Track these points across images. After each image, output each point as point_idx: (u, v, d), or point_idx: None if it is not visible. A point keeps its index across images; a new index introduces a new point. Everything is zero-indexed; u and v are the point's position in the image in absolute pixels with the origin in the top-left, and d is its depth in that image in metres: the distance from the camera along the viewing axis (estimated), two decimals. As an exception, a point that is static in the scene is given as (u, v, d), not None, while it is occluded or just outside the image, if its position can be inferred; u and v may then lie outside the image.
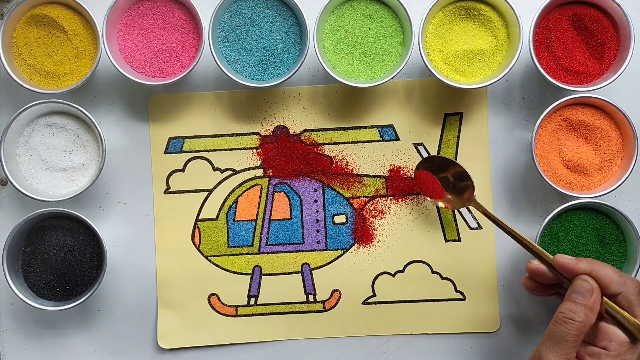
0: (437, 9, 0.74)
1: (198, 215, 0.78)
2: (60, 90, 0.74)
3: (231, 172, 0.78)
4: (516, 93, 0.78)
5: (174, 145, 0.78)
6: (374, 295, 0.78)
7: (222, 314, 0.78)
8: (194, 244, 0.78)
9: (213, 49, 0.73)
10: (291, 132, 0.78)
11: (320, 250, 0.78)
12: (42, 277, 0.74)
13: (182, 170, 0.78)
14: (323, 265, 0.78)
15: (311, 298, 0.78)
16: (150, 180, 0.78)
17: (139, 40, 0.76)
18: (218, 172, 0.78)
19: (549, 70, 0.74)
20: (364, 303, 0.78)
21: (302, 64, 0.73)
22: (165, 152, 0.78)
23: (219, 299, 0.78)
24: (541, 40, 0.74)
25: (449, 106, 0.78)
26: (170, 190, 0.78)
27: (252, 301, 0.78)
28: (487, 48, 0.75)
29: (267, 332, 0.78)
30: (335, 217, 0.78)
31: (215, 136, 0.78)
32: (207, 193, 0.78)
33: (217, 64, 0.73)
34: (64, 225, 0.74)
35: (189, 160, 0.78)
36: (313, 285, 0.78)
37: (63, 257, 0.74)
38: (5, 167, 0.73)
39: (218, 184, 0.78)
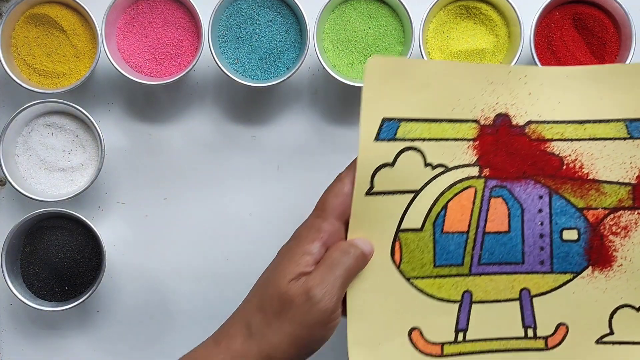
0: (438, 8, 0.74)
1: (400, 224, 0.61)
2: (59, 89, 0.74)
3: (442, 169, 0.61)
4: (517, 93, 0.78)
5: (388, 131, 0.60)
6: (612, 333, 0.63)
7: (425, 353, 0.62)
8: (394, 261, 0.61)
9: (212, 48, 0.73)
10: (514, 123, 0.62)
11: (543, 272, 0.62)
12: (41, 278, 0.74)
13: (392, 164, 0.61)
14: (546, 292, 0.62)
15: (530, 332, 0.62)
16: (150, 181, 0.78)
17: (138, 39, 0.75)
18: (429, 168, 0.61)
19: (550, 70, 0.74)
20: (597, 342, 0.63)
21: (302, 63, 0.73)
22: (376, 138, 0.60)
23: (421, 334, 0.62)
24: (542, 39, 0.74)
25: None
26: (373, 190, 0.60)
27: (460, 336, 0.62)
28: (488, 47, 0.74)
29: None
30: (565, 232, 0.62)
31: (432, 121, 0.61)
32: (412, 195, 0.61)
33: (217, 64, 0.73)
34: (62, 225, 0.74)
35: (402, 151, 0.61)
36: (533, 316, 0.62)
37: (62, 258, 0.73)
38: (4, 167, 0.73)
39: (426, 184, 0.61)
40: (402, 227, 0.61)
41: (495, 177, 0.62)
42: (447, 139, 0.61)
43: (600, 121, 0.62)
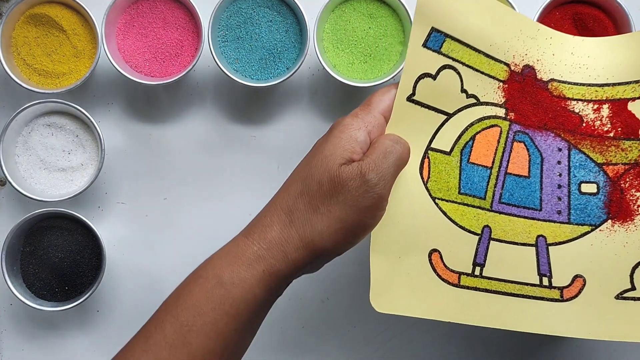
0: (438, 8, 0.74)
1: (430, 142, 0.62)
2: (59, 89, 0.74)
3: (475, 101, 0.62)
4: (517, 92, 0.78)
5: (435, 41, 0.61)
6: (633, 288, 0.60)
7: (442, 279, 0.61)
8: (422, 177, 0.61)
9: (212, 48, 0.73)
10: (538, 77, 0.63)
11: (560, 222, 0.62)
12: (40, 278, 0.74)
13: (434, 77, 0.61)
14: (563, 242, 0.62)
15: (545, 281, 0.61)
16: (150, 181, 0.78)
17: (138, 39, 0.75)
18: (464, 95, 0.62)
19: (550, 70, 0.74)
20: (618, 297, 0.61)
21: (302, 63, 0.73)
22: (424, 45, 0.61)
23: (441, 258, 0.61)
24: (542, 39, 0.74)
25: None
26: (414, 98, 0.60)
27: (477, 271, 0.61)
28: (488, 47, 0.74)
29: (491, 316, 0.61)
30: (583, 185, 0.62)
31: (473, 49, 0.62)
32: (445, 117, 0.62)
33: (217, 64, 0.73)
34: (62, 225, 0.74)
35: (444, 67, 0.61)
36: (549, 265, 0.61)
37: (62, 258, 0.73)
38: (4, 167, 0.73)
39: (459, 110, 0.62)
40: (432, 145, 0.61)
41: (519, 123, 0.62)
42: (482, 72, 0.62)
43: (620, 84, 0.63)
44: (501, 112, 0.62)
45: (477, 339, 0.78)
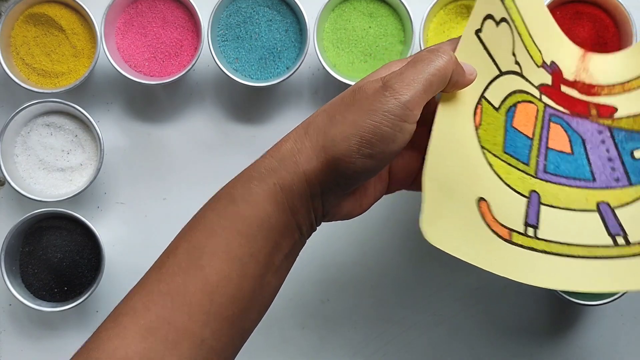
0: (439, 8, 0.74)
1: (485, 90, 0.58)
2: (58, 89, 0.74)
3: (519, 70, 0.60)
4: (518, 92, 0.77)
5: None
6: None
7: (493, 230, 0.55)
8: (474, 120, 0.57)
9: (212, 47, 0.73)
10: (564, 77, 0.63)
11: (622, 187, 0.59)
12: (39, 278, 0.74)
13: (497, 23, 0.59)
14: (629, 203, 0.59)
15: (621, 240, 0.57)
16: (150, 181, 0.78)
17: (137, 39, 0.75)
18: (513, 58, 0.60)
19: (551, 69, 0.74)
20: None
21: (302, 62, 0.73)
22: None
23: (489, 208, 0.55)
24: (543, 38, 0.74)
25: None
26: (480, 33, 0.57)
27: (531, 232, 0.56)
28: (488, 47, 0.74)
29: (555, 278, 0.55)
30: (636, 151, 0.60)
31: (523, 21, 0.61)
32: (497, 73, 0.59)
33: (216, 63, 0.73)
34: (61, 225, 0.74)
35: (503, 20, 0.59)
36: (620, 225, 0.58)
37: (61, 258, 0.73)
38: (3, 167, 0.73)
39: (507, 73, 0.59)
40: (485, 94, 0.58)
41: (552, 108, 0.61)
42: (525, 47, 0.61)
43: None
44: (536, 92, 0.61)
45: (477, 340, 0.78)
